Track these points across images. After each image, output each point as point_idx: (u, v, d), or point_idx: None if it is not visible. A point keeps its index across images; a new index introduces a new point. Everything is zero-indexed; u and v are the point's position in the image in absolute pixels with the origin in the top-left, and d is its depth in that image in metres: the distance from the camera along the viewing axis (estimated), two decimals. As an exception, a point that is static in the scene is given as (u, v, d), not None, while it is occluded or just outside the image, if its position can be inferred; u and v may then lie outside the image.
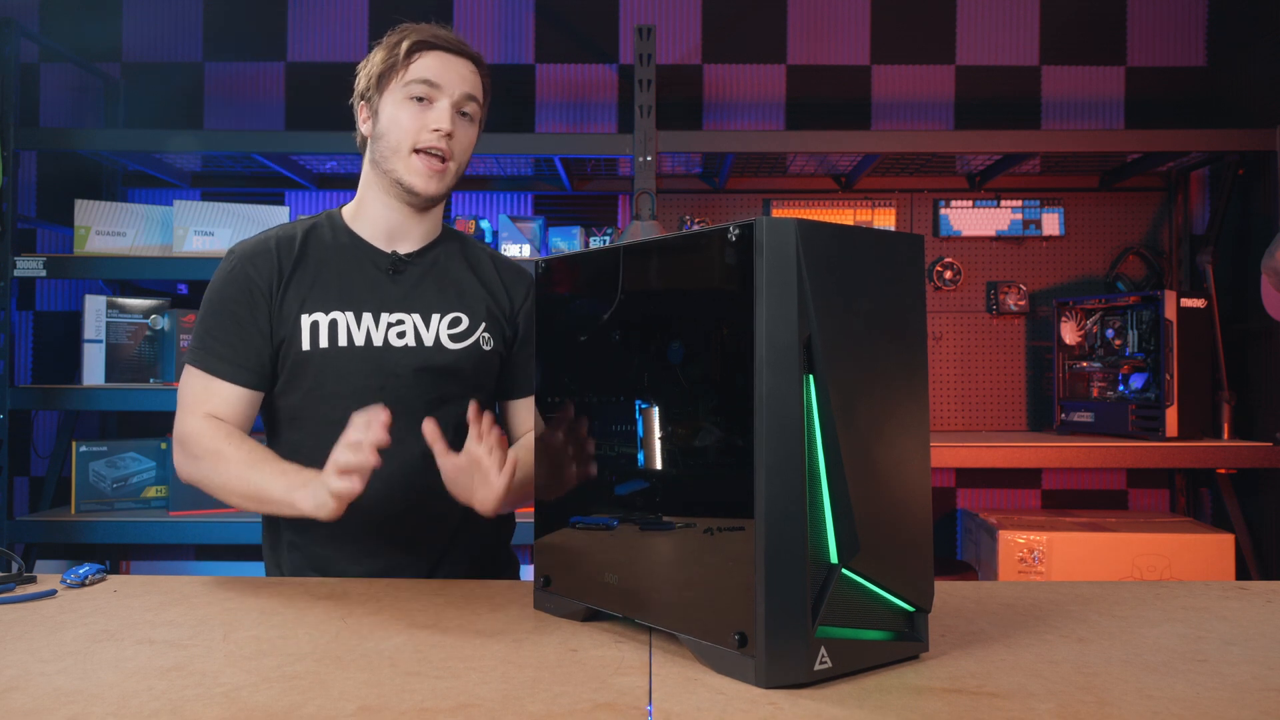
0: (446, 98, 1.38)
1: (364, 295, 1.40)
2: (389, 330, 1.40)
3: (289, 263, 1.40)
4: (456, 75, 1.39)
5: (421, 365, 1.40)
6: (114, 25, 3.15)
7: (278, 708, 0.78)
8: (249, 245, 1.42)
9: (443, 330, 1.42)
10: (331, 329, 1.38)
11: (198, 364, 1.37)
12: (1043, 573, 2.64)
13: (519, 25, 3.18)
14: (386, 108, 1.39)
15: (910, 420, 0.90)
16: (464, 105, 1.40)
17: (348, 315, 1.39)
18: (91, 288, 3.04)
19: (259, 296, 1.38)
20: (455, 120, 1.39)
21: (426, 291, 1.43)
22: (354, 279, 1.41)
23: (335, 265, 1.41)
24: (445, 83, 1.38)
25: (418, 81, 1.37)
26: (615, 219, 3.20)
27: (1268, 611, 1.11)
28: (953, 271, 3.13)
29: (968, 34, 3.18)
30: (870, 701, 0.80)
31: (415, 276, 1.44)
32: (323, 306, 1.38)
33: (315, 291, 1.39)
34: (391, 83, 1.38)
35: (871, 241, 0.89)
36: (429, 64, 1.38)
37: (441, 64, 1.38)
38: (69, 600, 1.16)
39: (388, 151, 1.38)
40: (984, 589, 1.21)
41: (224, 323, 1.37)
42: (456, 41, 1.41)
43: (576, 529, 1.05)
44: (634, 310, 0.98)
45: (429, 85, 1.37)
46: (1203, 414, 2.72)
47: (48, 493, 2.88)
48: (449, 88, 1.38)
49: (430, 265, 1.46)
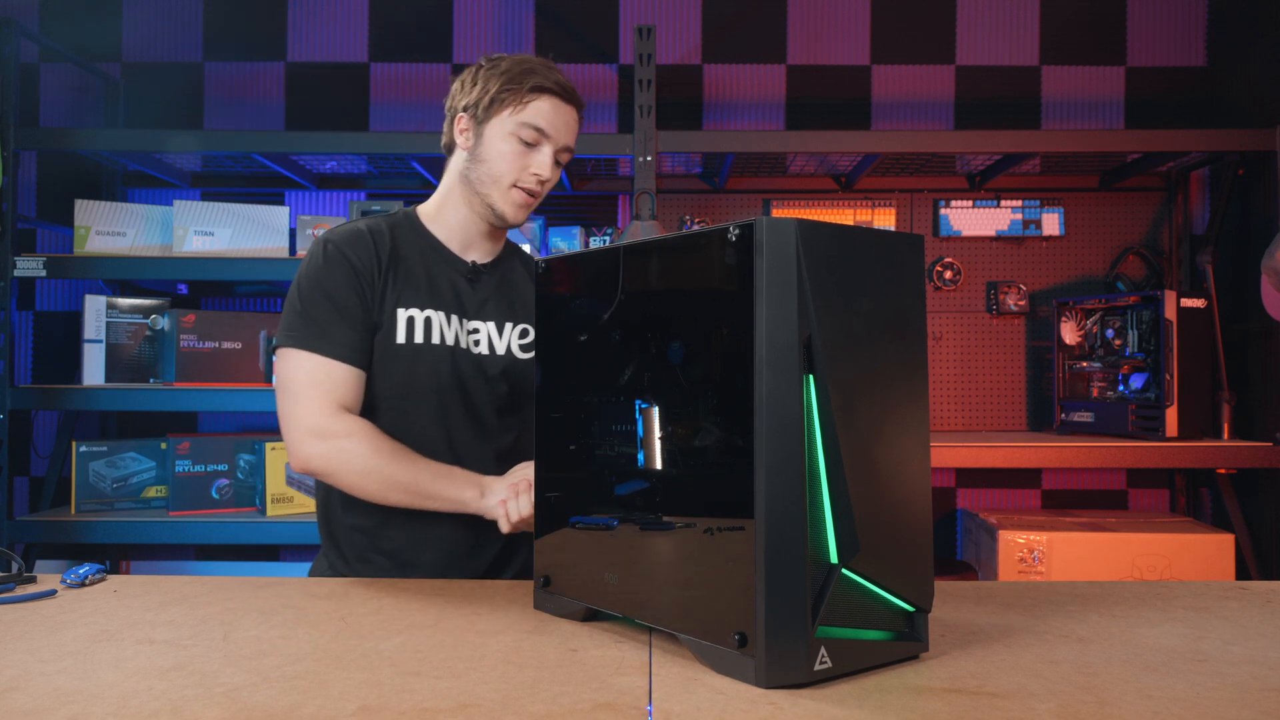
0: (551, 145, 1.44)
1: (449, 298, 1.46)
2: (469, 336, 1.46)
3: (385, 254, 1.43)
4: (564, 125, 1.45)
5: (495, 372, 1.46)
6: (114, 25, 3.15)
7: (278, 708, 0.78)
8: (344, 232, 1.44)
9: (514, 340, 1.50)
10: (426, 326, 1.43)
11: (310, 348, 1.37)
12: (1043, 573, 2.64)
13: (519, 25, 3.18)
14: (493, 135, 1.44)
15: (910, 420, 0.90)
16: (562, 156, 1.47)
17: (439, 314, 1.44)
18: (91, 288, 3.04)
19: (364, 282, 1.40)
20: (553, 165, 1.45)
21: (499, 301, 1.50)
22: (439, 280, 1.46)
23: (422, 265, 1.46)
24: (554, 132, 1.44)
25: (531, 126, 1.42)
26: (615, 219, 3.20)
27: (1268, 611, 1.11)
28: (953, 271, 3.13)
29: (968, 34, 3.18)
30: (870, 701, 0.80)
31: (489, 286, 1.50)
32: (417, 303, 1.43)
33: (409, 287, 1.43)
34: (504, 112, 1.43)
35: (871, 241, 0.89)
36: (544, 109, 1.43)
37: (554, 111, 1.44)
38: (69, 600, 1.16)
39: (486, 178, 1.44)
40: (984, 589, 1.21)
41: (333, 306, 1.38)
42: (570, 90, 1.47)
43: (576, 529, 1.05)
44: (634, 310, 0.98)
45: (540, 133, 1.43)
46: (1203, 414, 2.72)
47: (48, 493, 2.88)
48: (556, 138, 1.44)
49: (501, 277, 1.53)
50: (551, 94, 1.44)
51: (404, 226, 1.49)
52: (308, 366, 1.36)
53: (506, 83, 1.43)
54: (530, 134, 1.43)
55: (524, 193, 1.45)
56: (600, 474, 1.02)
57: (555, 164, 1.46)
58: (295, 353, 1.37)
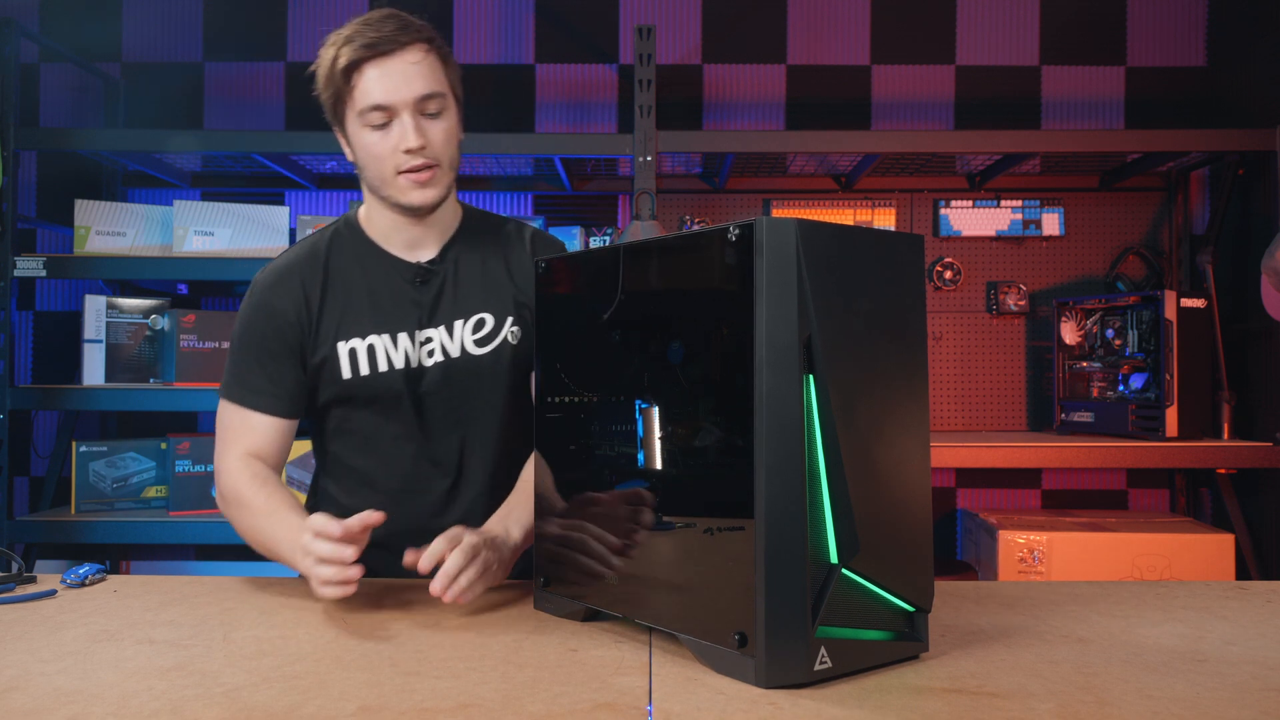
0: (404, 110, 1.28)
1: (396, 315, 1.38)
2: (421, 349, 1.38)
3: (316, 289, 1.37)
4: (404, 81, 1.27)
5: (450, 377, 1.38)
6: (114, 25, 3.15)
7: (278, 708, 0.78)
8: (270, 275, 1.39)
9: (467, 337, 1.40)
10: (370, 355, 1.36)
11: (232, 398, 1.37)
12: (1043, 573, 2.64)
13: (519, 25, 3.18)
14: (354, 136, 1.32)
15: (910, 420, 0.90)
16: (426, 107, 1.30)
17: (384, 339, 1.37)
18: (91, 288, 3.04)
19: (287, 327, 1.36)
20: (421, 127, 1.29)
21: (449, 299, 1.40)
22: (383, 297, 1.38)
23: (364, 283, 1.38)
24: (396, 98, 1.27)
25: (368, 109, 1.28)
26: (615, 219, 3.20)
27: (1268, 611, 1.11)
28: (953, 271, 3.13)
29: (968, 34, 3.18)
30: (870, 701, 0.80)
31: (438, 285, 1.40)
32: (359, 331, 1.36)
33: (349, 316, 1.37)
34: (346, 111, 1.31)
35: (871, 241, 0.89)
36: (373, 82, 1.27)
37: (384, 74, 1.27)
38: (69, 600, 1.16)
39: (374, 180, 1.34)
40: (984, 589, 1.21)
41: (255, 355, 1.36)
42: (392, 33, 1.27)
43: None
44: (634, 310, 0.98)
45: (380, 110, 1.28)
46: (1203, 414, 2.72)
47: (48, 493, 2.88)
48: (401, 100, 1.28)
49: (452, 267, 1.41)
50: (368, 60, 1.27)
51: (344, 238, 1.41)
52: (229, 419, 1.37)
53: (328, 78, 1.30)
54: (375, 117, 1.28)
55: (410, 174, 1.30)
56: (600, 474, 1.02)
57: (428, 117, 1.30)
58: (222, 404, 1.38)
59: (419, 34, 1.30)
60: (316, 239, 1.42)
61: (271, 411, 1.36)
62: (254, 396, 1.36)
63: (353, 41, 1.27)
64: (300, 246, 1.42)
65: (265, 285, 1.38)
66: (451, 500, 1.41)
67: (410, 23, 1.30)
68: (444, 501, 1.41)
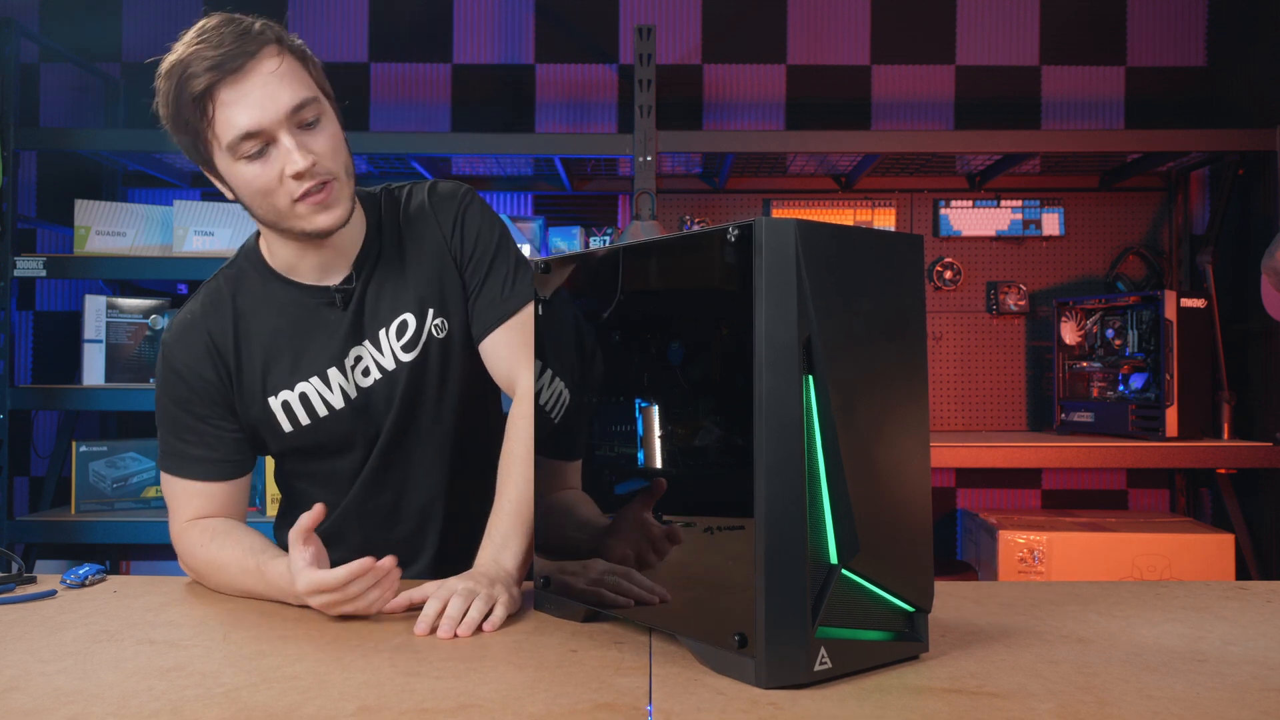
0: (278, 130, 1.10)
1: (320, 353, 1.26)
2: (356, 374, 1.27)
3: (229, 343, 1.25)
4: (267, 97, 1.09)
5: (391, 392, 1.27)
6: (114, 25, 3.15)
7: (278, 708, 0.78)
8: (178, 332, 1.27)
9: (394, 345, 1.27)
10: (304, 402, 1.26)
11: (169, 469, 1.27)
12: (1043, 573, 2.64)
13: (519, 25, 3.18)
14: (229, 175, 1.15)
15: (910, 420, 0.90)
16: (301, 117, 1.12)
17: (314, 382, 1.26)
18: (91, 288, 3.04)
19: (210, 388, 1.25)
20: (303, 143, 1.12)
21: (370, 310, 1.27)
22: (303, 338, 1.26)
23: (280, 328, 1.26)
24: (266, 118, 1.09)
25: (236, 141, 1.10)
26: (615, 219, 3.20)
27: (1268, 611, 1.11)
28: (953, 271, 3.13)
29: (968, 34, 3.18)
30: (870, 701, 0.80)
31: (357, 299, 1.27)
32: (287, 384, 1.25)
33: (272, 368, 1.25)
34: (213, 150, 1.13)
35: (871, 241, 0.89)
36: (232, 107, 1.09)
37: (243, 95, 1.09)
38: (69, 600, 1.16)
39: (266, 215, 1.18)
40: (984, 589, 1.21)
41: (184, 422, 1.25)
42: (235, 44, 1.08)
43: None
44: (634, 310, 0.98)
45: (251, 138, 1.10)
46: (1203, 414, 2.72)
47: (48, 493, 2.88)
48: (273, 120, 1.10)
49: (367, 275, 1.27)
50: (219, 83, 1.08)
51: (247, 276, 1.28)
52: (171, 490, 1.27)
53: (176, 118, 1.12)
54: (247, 147, 1.10)
55: (305, 197, 1.14)
56: (600, 474, 1.02)
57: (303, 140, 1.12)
58: (162, 475, 1.29)
59: (265, 36, 1.11)
60: (218, 285, 1.29)
61: (214, 478, 1.26)
62: (192, 466, 1.25)
63: (193, 66, 1.08)
64: (203, 295, 1.29)
65: (175, 344, 1.26)
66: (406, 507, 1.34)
67: (249, 24, 1.11)
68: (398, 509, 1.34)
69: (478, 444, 1.36)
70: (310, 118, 1.13)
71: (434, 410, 1.30)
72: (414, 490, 1.33)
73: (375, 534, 1.33)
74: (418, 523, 1.35)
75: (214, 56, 1.08)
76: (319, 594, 1.03)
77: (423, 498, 1.34)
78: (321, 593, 1.03)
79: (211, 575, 1.21)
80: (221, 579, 1.19)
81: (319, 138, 1.14)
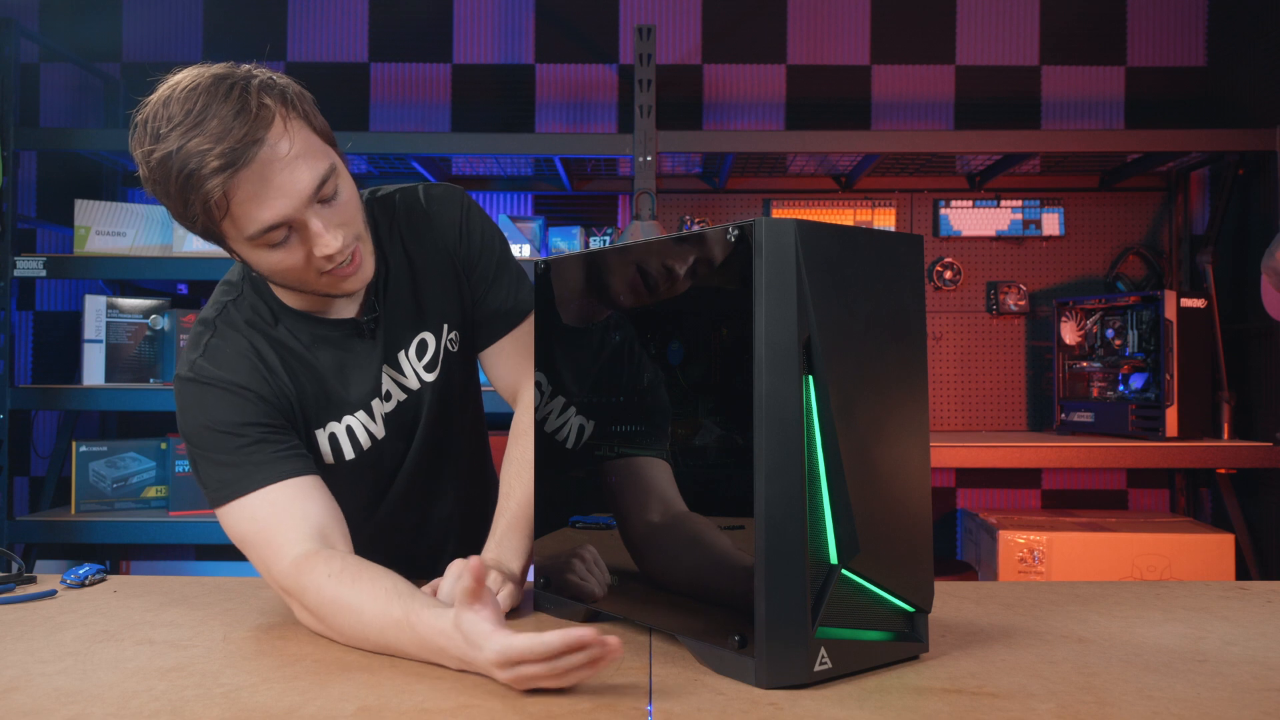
0: (304, 214, 1.02)
1: (356, 385, 1.19)
2: (390, 401, 1.22)
3: (279, 371, 1.15)
4: (288, 183, 0.99)
5: (417, 413, 1.24)
6: (114, 25, 3.15)
7: (278, 708, 0.78)
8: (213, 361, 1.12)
9: (415, 365, 1.23)
10: (350, 435, 1.20)
11: (240, 493, 1.07)
12: (1043, 573, 2.64)
13: (519, 25, 3.18)
14: (250, 258, 1.07)
15: (910, 420, 0.90)
16: (325, 194, 1.03)
17: (359, 416, 1.20)
18: (91, 288, 3.04)
19: (265, 402, 1.12)
20: (330, 220, 1.04)
21: (386, 335, 1.21)
22: (341, 372, 1.18)
23: (317, 368, 1.17)
24: (289, 210, 1.00)
25: (262, 232, 1.00)
26: (615, 219, 3.20)
27: (1268, 611, 1.11)
28: (953, 271, 3.13)
29: (968, 34, 3.18)
30: (870, 701, 0.80)
31: (380, 322, 1.21)
32: (334, 416, 1.18)
33: (316, 406, 1.17)
34: (230, 237, 1.04)
35: (871, 242, 0.89)
36: (251, 203, 0.98)
37: (261, 188, 0.98)
38: (69, 600, 1.16)
39: (293, 286, 1.11)
40: (984, 589, 1.21)
41: (247, 436, 1.09)
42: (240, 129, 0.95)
43: (576, 529, 1.05)
44: (634, 310, 0.98)
45: (275, 230, 1.01)
46: (1203, 414, 2.72)
47: (48, 493, 2.88)
48: (297, 208, 1.01)
49: (384, 300, 1.21)
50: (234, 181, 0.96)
51: (263, 312, 1.16)
52: (240, 520, 1.07)
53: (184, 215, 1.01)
54: (274, 236, 1.01)
55: (334, 272, 1.07)
56: (600, 474, 1.02)
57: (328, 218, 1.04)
58: (222, 511, 1.09)
59: (266, 111, 0.98)
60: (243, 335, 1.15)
61: (294, 475, 1.08)
62: (264, 471, 1.07)
63: (195, 164, 0.95)
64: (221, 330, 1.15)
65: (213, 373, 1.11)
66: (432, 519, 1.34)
67: (242, 90, 0.98)
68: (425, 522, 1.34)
69: (480, 451, 1.39)
70: (329, 190, 1.04)
71: (457, 426, 1.31)
72: (439, 504, 1.34)
73: (402, 548, 1.30)
74: (441, 533, 1.36)
75: (219, 153, 0.95)
76: (521, 665, 0.82)
77: (446, 510, 1.35)
78: (525, 663, 0.81)
79: (336, 618, 0.97)
80: (352, 625, 0.96)
81: (343, 209, 1.06)
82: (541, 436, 1.11)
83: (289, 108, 1.02)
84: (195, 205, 0.98)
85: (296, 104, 1.03)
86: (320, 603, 0.98)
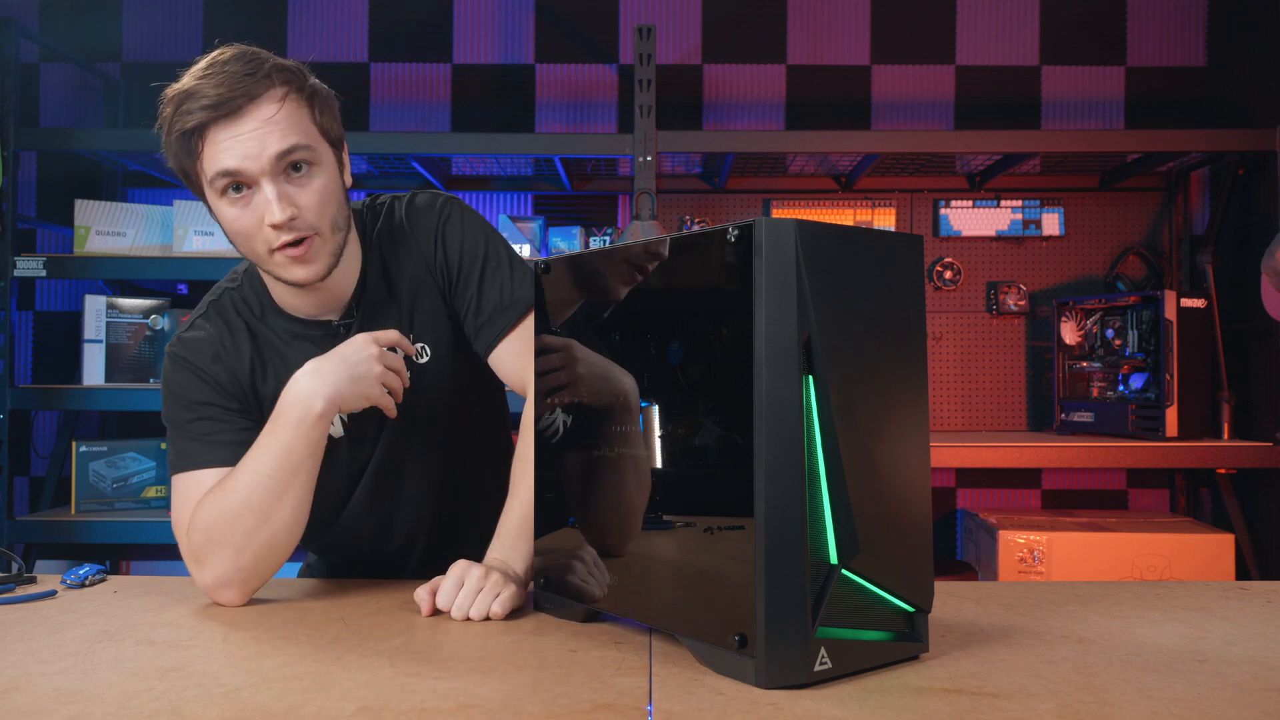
0: (262, 177, 1.08)
1: None
2: None
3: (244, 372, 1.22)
4: (256, 140, 1.06)
5: (381, 421, 1.26)
6: (114, 25, 3.15)
7: (278, 708, 0.78)
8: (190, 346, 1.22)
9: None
10: None
11: (190, 465, 1.17)
12: (1043, 573, 2.64)
13: (519, 25, 3.18)
14: (215, 212, 1.13)
15: (910, 420, 0.90)
16: (293, 161, 1.09)
17: None
18: (91, 288, 3.04)
19: (226, 391, 1.21)
20: (287, 194, 1.09)
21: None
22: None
23: (290, 363, 1.21)
24: (250, 163, 1.06)
25: (220, 176, 1.07)
26: (615, 219, 3.20)
27: (1268, 611, 1.11)
28: (953, 271, 3.13)
29: (968, 34, 3.18)
30: (870, 701, 0.80)
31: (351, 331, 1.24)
32: None
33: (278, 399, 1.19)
34: (200, 178, 1.11)
35: (871, 241, 0.89)
36: (220, 145, 1.07)
37: (232, 137, 1.06)
38: (69, 601, 1.16)
39: (250, 258, 1.16)
40: (984, 589, 1.21)
41: (201, 416, 1.18)
42: (241, 83, 1.06)
43: (575, 529, 1.05)
44: (634, 310, 0.98)
45: (231, 175, 1.07)
46: (1203, 414, 2.72)
47: (48, 493, 2.88)
48: (255, 164, 1.07)
49: (363, 306, 1.25)
50: (213, 122, 1.06)
51: (252, 304, 1.24)
52: (184, 485, 1.16)
53: (168, 147, 1.11)
54: (223, 183, 1.08)
55: (284, 250, 1.11)
56: (599, 474, 1.02)
57: (286, 191, 1.09)
58: (177, 481, 1.18)
59: (272, 79, 1.08)
60: (224, 312, 1.25)
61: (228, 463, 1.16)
62: (218, 450, 1.17)
63: (191, 101, 1.06)
64: (211, 310, 1.25)
65: (189, 351, 1.21)
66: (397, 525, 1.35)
67: (262, 62, 1.08)
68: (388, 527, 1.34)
69: (469, 469, 1.37)
70: (300, 167, 1.10)
71: (424, 436, 1.30)
72: (404, 510, 1.34)
73: (365, 548, 1.36)
74: (406, 539, 1.36)
75: (214, 95, 1.05)
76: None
77: (412, 518, 1.34)
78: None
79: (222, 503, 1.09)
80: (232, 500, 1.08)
81: (306, 190, 1.11)
82: (536, 435, 1.11)
83: (298, 91, 1.11)
84: (176, 140, 1.08)
85: (306, 91, 1.13)
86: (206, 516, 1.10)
